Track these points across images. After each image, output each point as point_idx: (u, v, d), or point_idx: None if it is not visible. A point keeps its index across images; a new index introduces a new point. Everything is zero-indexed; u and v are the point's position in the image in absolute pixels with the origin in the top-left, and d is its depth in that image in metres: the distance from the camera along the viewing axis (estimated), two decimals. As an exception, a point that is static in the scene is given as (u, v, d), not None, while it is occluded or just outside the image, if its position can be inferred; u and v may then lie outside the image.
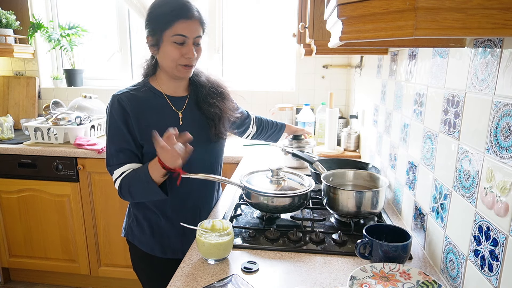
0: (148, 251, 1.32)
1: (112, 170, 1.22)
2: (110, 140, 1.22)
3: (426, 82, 1.11)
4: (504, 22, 0.51)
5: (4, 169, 2.31)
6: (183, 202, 1.31)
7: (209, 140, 1.31)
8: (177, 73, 1.21)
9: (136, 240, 1.34)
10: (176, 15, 1.14)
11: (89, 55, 3.02)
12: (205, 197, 1.37)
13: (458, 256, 0.88)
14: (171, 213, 1.30)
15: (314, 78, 2.67)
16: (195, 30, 1.17)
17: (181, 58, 1.18)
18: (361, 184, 1.34)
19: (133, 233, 1.34)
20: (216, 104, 1.31)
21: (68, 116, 2.32)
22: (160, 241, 1.32)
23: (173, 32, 1.15)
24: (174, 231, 1.31)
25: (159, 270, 1.34)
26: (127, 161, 1.21)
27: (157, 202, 1.28)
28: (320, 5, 1.40)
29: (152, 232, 1.31)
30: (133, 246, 1.36)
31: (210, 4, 2.72)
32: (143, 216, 1.32)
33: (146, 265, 1.36)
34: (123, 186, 1.19)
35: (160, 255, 1.32)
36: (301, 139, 1.89)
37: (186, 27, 1.15)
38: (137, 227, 1.33)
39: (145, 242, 1.32)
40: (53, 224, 2.37)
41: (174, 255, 1.32)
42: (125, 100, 1.20)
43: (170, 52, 1.17)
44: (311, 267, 1.00)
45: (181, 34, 1.15)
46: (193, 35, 1.17)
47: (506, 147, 0.70)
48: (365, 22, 0.59)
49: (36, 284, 2.58)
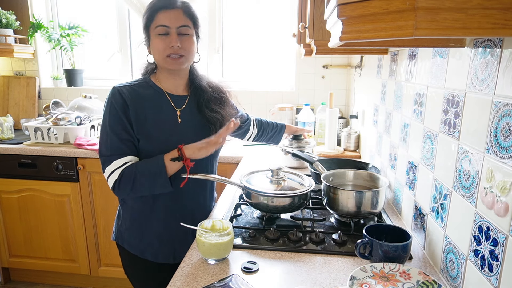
0: (138, 255, 1.30)
1: (111, 160, 1.16)
2: (111, 129, 1.17)
3: (426, 82, 1.11)
4: (504, 22, 0.51)
5: (4, 169, 2.31)
6: (175, 204, 1.28)
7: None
8: (167, 65, 1.21)
9: (125, 244, 1.32)
10: (157, 7, 1.17)
11: (89, 55, 3.02)
12: (198, 200, 1.34)
13: (458, 256, 0.88)
14: (162, 215, 1.28)
15: (314, 78, 2.67)
16: (177, 19, 1.17)
17: (166, 49, 1.17)
18: (361, 184, 1.34)
19: (123, 237, 1.32)
20: (217, 110, 1.30)
21: (68, 116, 2.32)
22: (150, 245, 1.29)
23: (156, 24, 1.17)
24: (166, 235, 1.29)
25: (150, 274, 1.33)
26: (129, 153, 1.18)
27: (148, 205, 1.26)
28: (320, 5, 1.40)
29: (141, 236, 1.29)
30: (123, 250, 1.33)
31: (210, 4, 2.72)
32: (133, 219, 1.29)
33: (137, 269, 1.34)
34: (125, 177, 1.15)
35: (151, 259, 1.30)
36: (301, 139, 1.89)
37: (166, 16, 1.16)
38: (126, 230, 1.31)
39: (134, 245, 1.30)
40: (53, 224, 2.37)
41: (165, 259, 1.31)
42: (125, 93, 1.20)
43: (156, 44, 1.18)
44: (311, 267, 1.00)
45: (162, 25, 1.16)
46: (175, 25, 1.16)
47: (506, 147, 0.70)
48: (365, 22, 0.59)
49: (36, 284, 2.58)
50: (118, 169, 1.16)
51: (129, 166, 1.16)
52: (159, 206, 1.27)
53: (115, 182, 1.16)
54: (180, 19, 1.17)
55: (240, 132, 1.64)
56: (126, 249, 1.32)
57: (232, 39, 2.83)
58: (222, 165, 2.04)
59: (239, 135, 1.66)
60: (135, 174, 1.15)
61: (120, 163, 1.16)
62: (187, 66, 1.26)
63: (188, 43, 1.20)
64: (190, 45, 1.21)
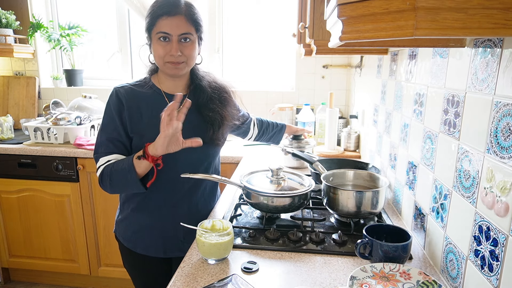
0: (130, 248, 1.33)
1: (98, 158, 1.22)
2: (103, 129, 1.23)
3: (426, 82, 1.11)
4: (504, 22, 0.51)
5: (4, 169, 2.31)
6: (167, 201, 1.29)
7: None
8: (167, 70, 1.21)
9: (120, 236, 1.35)
10: (159, 13, 1.15)
11: (89, 55, 3.02)
12: (188, 199, 1.33)
13: (458, 256, 0.88)
14: (154, 209, 1.30)
15: (314, 78, 2.67)
16: (179, 27, 1.15)
17: (166, 56, 1.18)
18: (361, 184, 1.34)
19: (119, 229, 1.36)
20: (217, 110, 1.30)
21: (68, 116, 2.32)
22: (139, 237, 1.32)
23: (157, 30, 1.16)
24: (156, 229, 1.31)
25: (143, 267, 1.36)
26: (115, 151, 1.21)
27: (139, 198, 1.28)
28: (320, 5, 1.40)
29: (133, 228, 1.32)
30: (119, 242, 1.37)
31: (210, 4, 2.72)
32: (127, 212, 1.32)
33: (130, 260, 1.37)
34: (105, 174, 1.19)
35: (141, 252, 1.32)
36: (301, 139, 1.89)
37: (168, 24, 1.15)
38: (120, 222, 1.35)
39: (127, 238, 1.33)
40: (53, 224, 2.37)
41: (156, 253, 1.32)
42: (122, 93, 1.23)
43: (156, 49, 1.18)
44: (311, 267, 1.00)
45: (163, 32, 1.15)
46: (177, 32, 1.15)
47: (506, 147, 0.70)
48: (365, 22, 0.58)
49: (36, 284, 2.58)
50: (101, 166, 1.21)
51: (108, 164, 1.20)
52: (151, 201, 1.29)
53: (98, 179, 1.22)
54: (182, 27, 1.16)
55: (241, 132, 1.64)
56: (121, 242, 1.36)
57: (232, 39, 2.82)
58: (222, 165, 2.03)
59: (240, 135, 1.67)
60: (111, 172, 1.18)
61: (103, 161, 1.21)
62: (187, 70, 1.27)
63: (189, 50, 1.19)
64: (191, 52, 1.20)
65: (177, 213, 1.30)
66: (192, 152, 1.22)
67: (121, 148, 1.22)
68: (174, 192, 1.30)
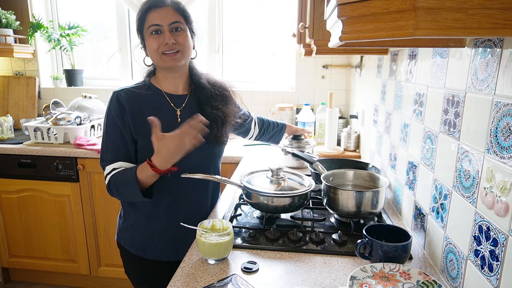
0: (139, 254, 1.30)
1: (104, 166, 1.22)
2: (106, 135, 1.23)
3: (426, 82, 1.11)
4: (504, 22, 0.51)
5: (4, 169, 2.31)
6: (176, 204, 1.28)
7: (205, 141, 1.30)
8: (164, 63, 1.21)
9: (127, 244, 1.32)
10: (147, 8, 1.19)
11: (89, 55, 3.02)
12: (200, 200, 1.34)
13: (458, 256, 0.88)
14: (163, 214, 1.28)
15: (314, 78, 2.67)
16: (169, 16, 1.18)
17: (161, 47, 1.18)
18: (361, 184, 1.34)
19: (124, 236, 1.33)
20: (219, 107, 1.29)
21: (68, 116, 2.32)
22: (152, 244, 1.29)
23: (148, 24, 1.19)
24: (167, 234, 1.29)
25: (152, 273, 1.33)
26: (120, 159, 1.21)
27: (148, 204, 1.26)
28: (320, 5, 1.40)
29: (142, 235, 1.30)
30: (123, 250, 1.34)
31: (210, 4, 2.72)
32: (134, 218, 1.30)
33: (138, 268, 1.34)
34: (112, 183, 1.19)
35: (153, 257, 1.30)
36: (301, 139, 1.89)
37: (157, 15, 1.17)
38: (127, 230, 1.32)
39: (135, 245, 1.31)
40: (53, 224, 2.37)
41: (167, 257, 1.31)
42: (123, 96, 1.22)
43: (150, 44, 1.19)
44: (311, 267, 1.00)
45: (154, 24, 1.17)
46: (167, 22, 1.18)
47: (506, 147, 0.70)
48: (365, 22, 0.58)
49: (36, 284, 2.58)
50: (108, 175, 1.21)
51: (114, 173, 1.19)
52: (160, 205, 1.27)
53: (106, 187, 1.22)
54: (171, 16, 1.18)
55: (242, 131, 1.65)
56: (127, 249, 1.32)
57: (232, 39, 2.82)
58: (222, 165, 2.02)
59: (241, 134, 1.67)
60: (117, 183, 1.18)
61: (109, 169, 1.20)
62: (185, 62, 1.26)
63: (182, 38, 1.20)
64: (185, 40, 1.21)
65: (187, 215, 1.29)
66: (196, 152, 1.22)
67: (125, 154, 1.22)
68: (184, 194, 1.29)
